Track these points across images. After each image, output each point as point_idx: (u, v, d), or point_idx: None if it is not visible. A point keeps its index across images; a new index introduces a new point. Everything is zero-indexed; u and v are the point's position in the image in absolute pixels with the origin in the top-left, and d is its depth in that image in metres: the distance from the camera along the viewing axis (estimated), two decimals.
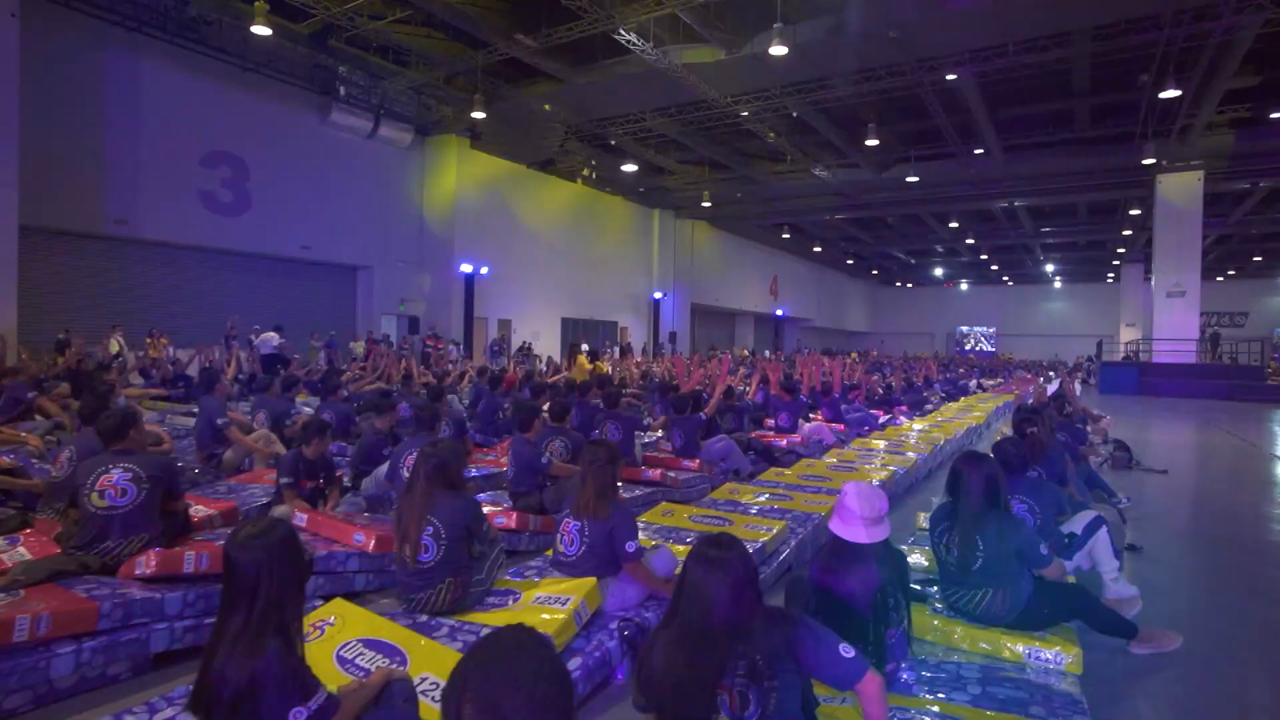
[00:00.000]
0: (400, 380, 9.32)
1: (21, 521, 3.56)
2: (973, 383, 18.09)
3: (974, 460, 2.78)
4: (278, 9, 13.11)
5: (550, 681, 1.00)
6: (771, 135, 19.55)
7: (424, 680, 2.05)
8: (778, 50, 12.42)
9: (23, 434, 5.41)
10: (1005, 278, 46.41)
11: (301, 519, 3.56)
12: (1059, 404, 6.73)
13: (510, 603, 2.76)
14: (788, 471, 5.82)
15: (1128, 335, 30.03)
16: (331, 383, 7.14)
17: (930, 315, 49.92)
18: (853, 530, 2.24)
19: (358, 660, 2.23)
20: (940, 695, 2.27)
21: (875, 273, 47.99)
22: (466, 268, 20.07)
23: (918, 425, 9.41)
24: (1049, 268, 42.18)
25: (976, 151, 20.52)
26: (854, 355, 28.92)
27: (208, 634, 2.69)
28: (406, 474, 4.27)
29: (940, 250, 38.84)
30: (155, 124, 15.15)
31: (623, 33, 13.41)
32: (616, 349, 23.11)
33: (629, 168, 22.09)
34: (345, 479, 4.68)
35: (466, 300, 20.23)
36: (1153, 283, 21.84)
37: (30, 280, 13.16)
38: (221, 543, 3.05)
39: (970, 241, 33.74)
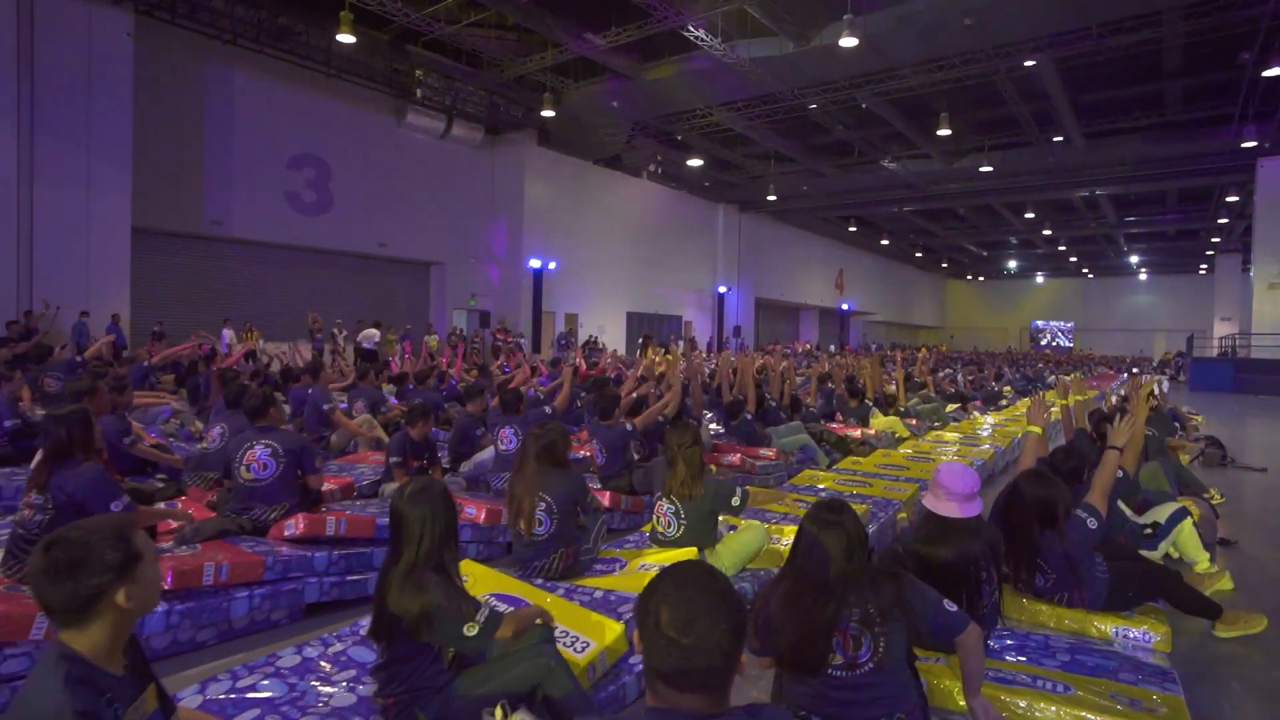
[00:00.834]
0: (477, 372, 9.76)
1: (176, 490, 4.00)
2: (1051, 378, 17.49)
3: (1027, 485, 2.76)
4: (360, 16, 13.74)
5: (730, 599, 1.15)
6: (839, 127, 19.32)
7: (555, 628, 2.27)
8: (848, 42, 12.32)
9: (164, 395, 6.02)
10: (1085, 270, 44.35)
11: None
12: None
13: (617, 569, 2.99)
14: (864, 461, 5.91)
15: (1222, 330, 28.38)
16: (423, 373, 7.57)
17: (1004, 310, 48.17)
18: (947, 506, 2.35)
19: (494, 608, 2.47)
20: (1030, 660, 2.36)
21: (945, 266, 46.63)
22: (535, 263, 20.56)
23: (992, 419, 9.28)
24: (1133, 259, 40.10)
25: (1055, 139, 19.78)
26: (924, 349, 28.29)
27: (350, 589, 3.05)
28: (504, 447, 4.59)
29: (1015, 242, 37.47)
30: (247, 130, 16.11)
31: (691, 29, 13.53)
32: (681, 342, 23.25)
33: (695, 162, 22.18)
34: (444, 460, 5.02)
35: (535, 295, 20.74)
36: (1251, 273, 20.61)
37: (138, 277, 14.18)
38: (351, 512, 3.40)
39: (1047, 233, 32.45)
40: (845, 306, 37.41)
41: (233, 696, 2.05)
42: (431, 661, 1.95)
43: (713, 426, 6.99)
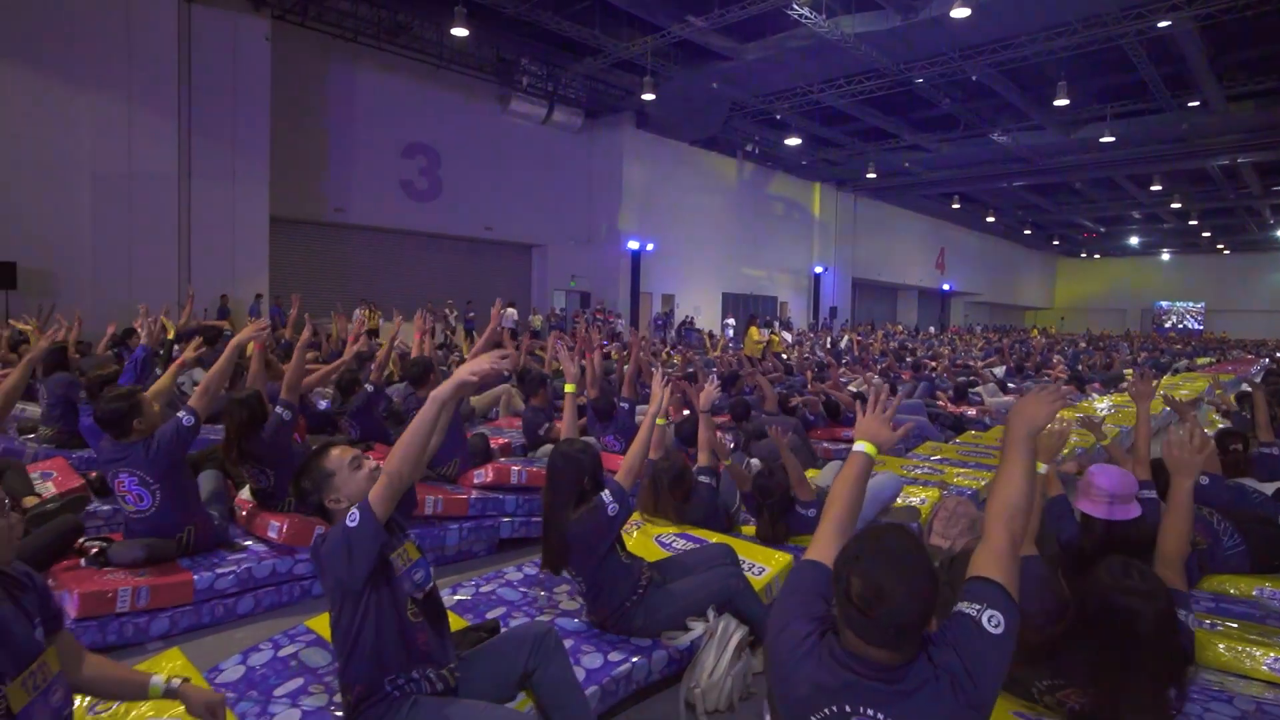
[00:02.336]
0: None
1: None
2: (1181, 362, 16.45)
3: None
4: (470, 9, 14.35)
5: (924, 576, 1.19)
6: (946, 101, 18.63)
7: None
8: (960, 12, 11.94)
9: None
10: (1219, 245, 40.63)
11: None
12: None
13: None
14: (984, 436, 5.98)
15: None
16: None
17: (1122, 289, 44.84)
18: (1103, 507, 2.34)
19: (674, 544, 3.00)
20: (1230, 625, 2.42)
21: (1056, 243, 43.94)
22: (633, 244, 20.97)
23: (1110, 401, 8.99)
24: None
25: (1190, 104, 18.33)
26: (1035, 330, 27.02)
27: (535, 529, 3.51)
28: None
29: (1138, 217, 34.89)
30: (366, 122, 17.19)
31: (795, 6, 13.41)
32: (777, 323, 23.17)
33: (792, 141, 21.93)
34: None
35: (633, 276, 21.17)
36: None
37: (274, 263, 15.45)
38: (520, 465, 3.86)
39: (1176, 206, 30.05)
40: (946, 287, 36.06)
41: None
42: (627, 577, 2.33)
43: None
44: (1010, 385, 9.68)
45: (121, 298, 11.88)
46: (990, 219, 35.25)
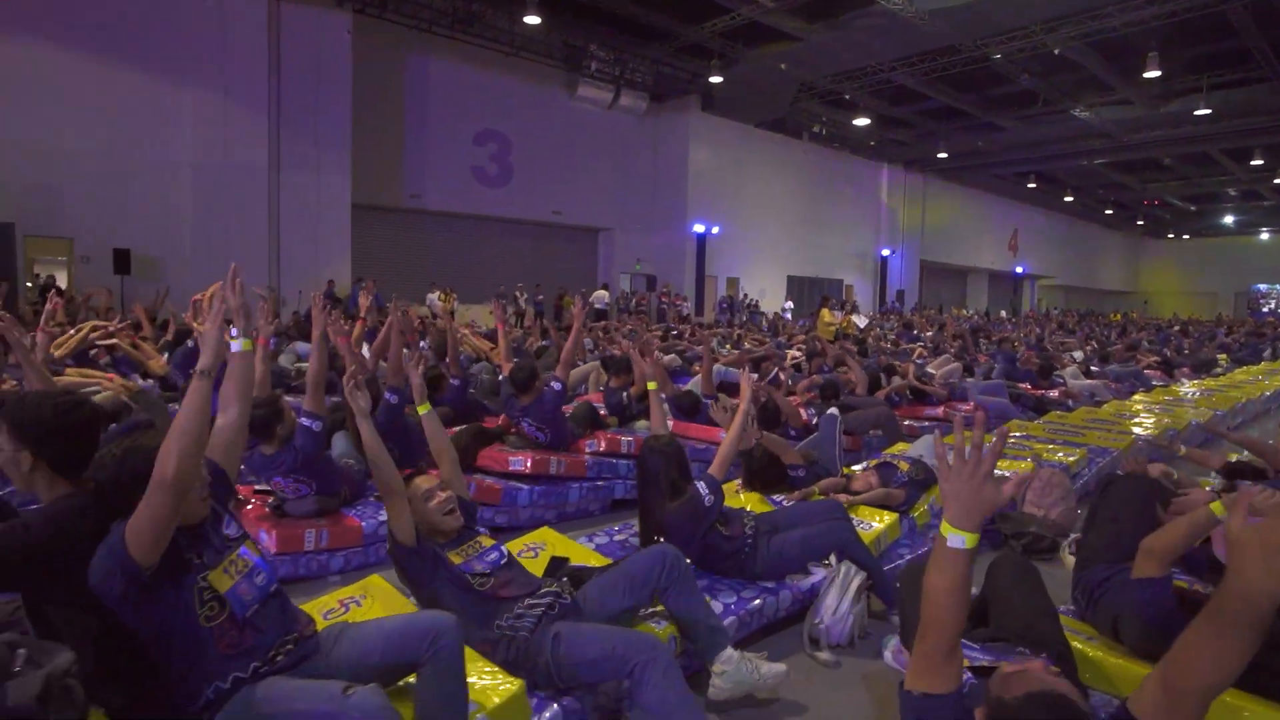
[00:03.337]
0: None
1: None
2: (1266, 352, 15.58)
3: None
4: None
5: None
6: (1024, 76, 17.96)
7: None
8: None
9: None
10: None
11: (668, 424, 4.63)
12: None
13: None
14: (1069, 416, 5.96)
15: None
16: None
17: (1214, 271, 42.12)
18: None
19: (779, 501, 3.28)
20: None
21: (1140, 223, 41.74)
22: (698, 227, 21.03)
23: (1200, 386, 8.72)
24: None
25: None
26: (1117, 315, 25.93)
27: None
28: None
29: (1234, 194, 32.86)
30: (440, 110, 17.70)
31: None
32: (851, 305, 22.86)
33: (861, 121, 21.52)
34: None
35: (698, 259, 21.25)
36: None
37: (355, 249, 16.13)
38: (629, 436, 4.12)
39: (1279, 182, 28.21)
40: (1019, 269, 34.81)
41: None
42: (729, 542, 2.60)
43: None
44: (1094, 369, 9.45)
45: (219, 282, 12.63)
46: (1068, 198, 33.77)
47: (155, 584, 1.52)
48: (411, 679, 1.72)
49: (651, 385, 3.39)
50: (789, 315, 20.83)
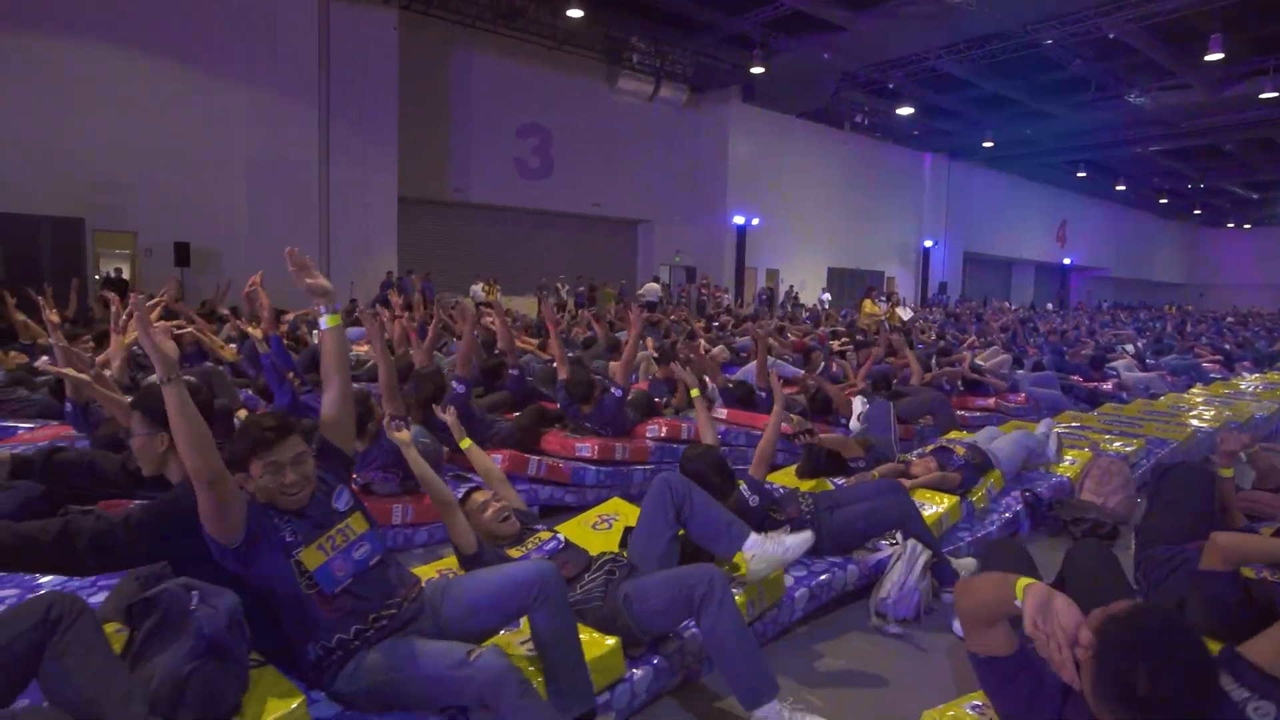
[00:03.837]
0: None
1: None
2: None
3: None
4: None
5: (1212, 676, 1.19)
6: (1076, 62, 17.48)
7: None
8: None
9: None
10: None
11: (722, 412, 4.72)
12: None
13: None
14: (1125, 408, 5.89)
15: None
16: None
17: (1276, 263, 40.38)
18: None
19: (837, 481, 3.33)
20: None
21: (1197, 212, 40.22)
22: (739, 219, 20.95)
23: (1263, 379, 8.47)
24: None
25: None
26: (1171, 307, 25.15)
27: None
28: None
29: None
30: (483, 104, 17.92)
31: None
32: (898, 295, 22.53)
33: (905, 111, 21.20)
34: None
35: (738, 251, 21.18)
36: None
37: (402, 241, 16.46)
38: (688, 422, 4.23)
39: None
40: (1067, 261, 33.90)
41: None
42: (788, 522, 2.69)
43: None
44: (1149, 362, 9.24)
45: (273, 275, 13.01)
46: (1120, 187, 32.77)
47: (251, 553, 1.67)
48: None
49: (694, 393, 3.43)
50: (826, 305, 20.65)
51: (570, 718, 1.77)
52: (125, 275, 13.53)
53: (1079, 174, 30.13)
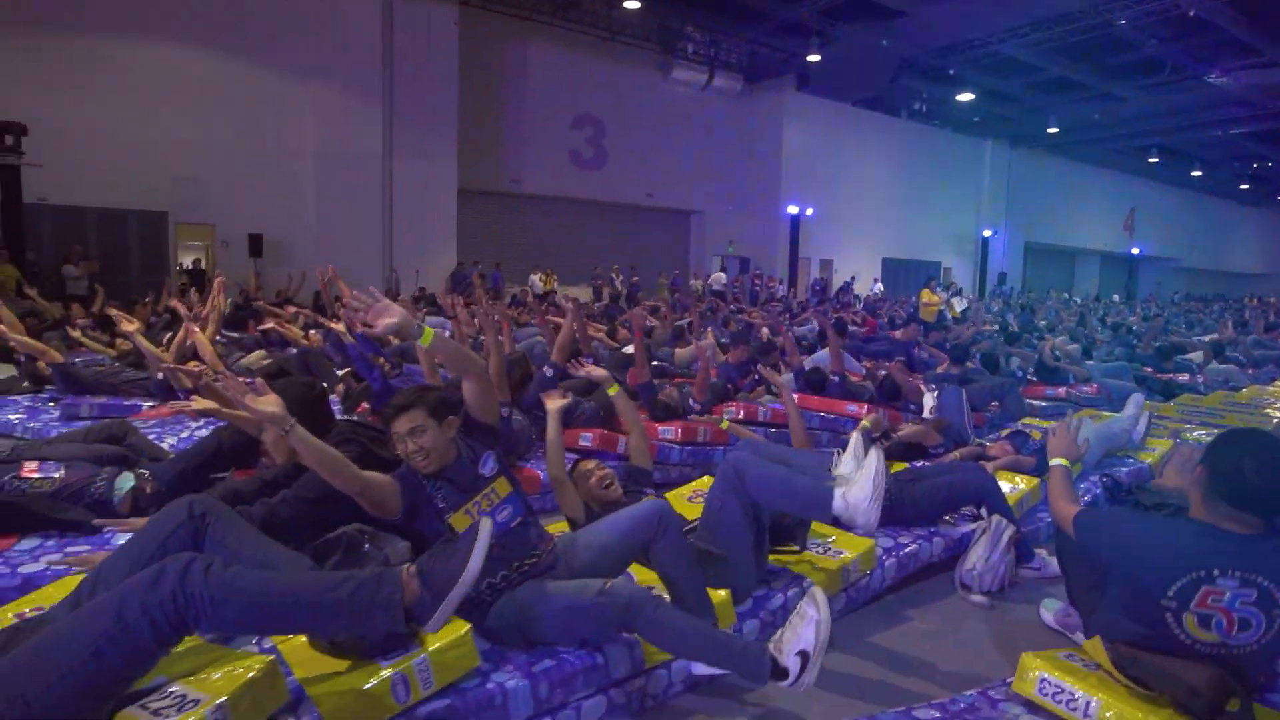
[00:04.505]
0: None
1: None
2: None
3: None
4: None
5: None
6: (1152, 42, 16.77)
7: None
8: None
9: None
10: None
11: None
12: None
13: None
14: (1204, 400, 5.77)
15: None
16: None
17: None
18: None
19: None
20: None
21: None
22: (792, 209, 20.77)
23: None
24: None
25: None
26: (1252, 299, 24.00)
27: None
28: None
29: None
30: (538, 96, 18.15)
31: None
32: (956, 286, 22.06)
33: (965, 97, 20.66)
34: None
35: (791, 241, 21.01)
36: None
37: (461, 232, 16.83)
38: (766, 405, 4.35)
39: None
40: (1136, 250, 32.54)
41: None
42: None
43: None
44: (1229, 354, 8.90)
45: (338, 265, 13.40)
46: (1196, 173, 31.24)
47: (413, 518, 1.94)
48: None
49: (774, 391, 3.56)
50: (878, 295, 20.34)
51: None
52: (203, 266, 14.24)
53: (1150, 160, 28.85)
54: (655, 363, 5.55)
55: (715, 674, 1.90)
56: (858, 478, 2.09)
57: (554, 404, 2.69)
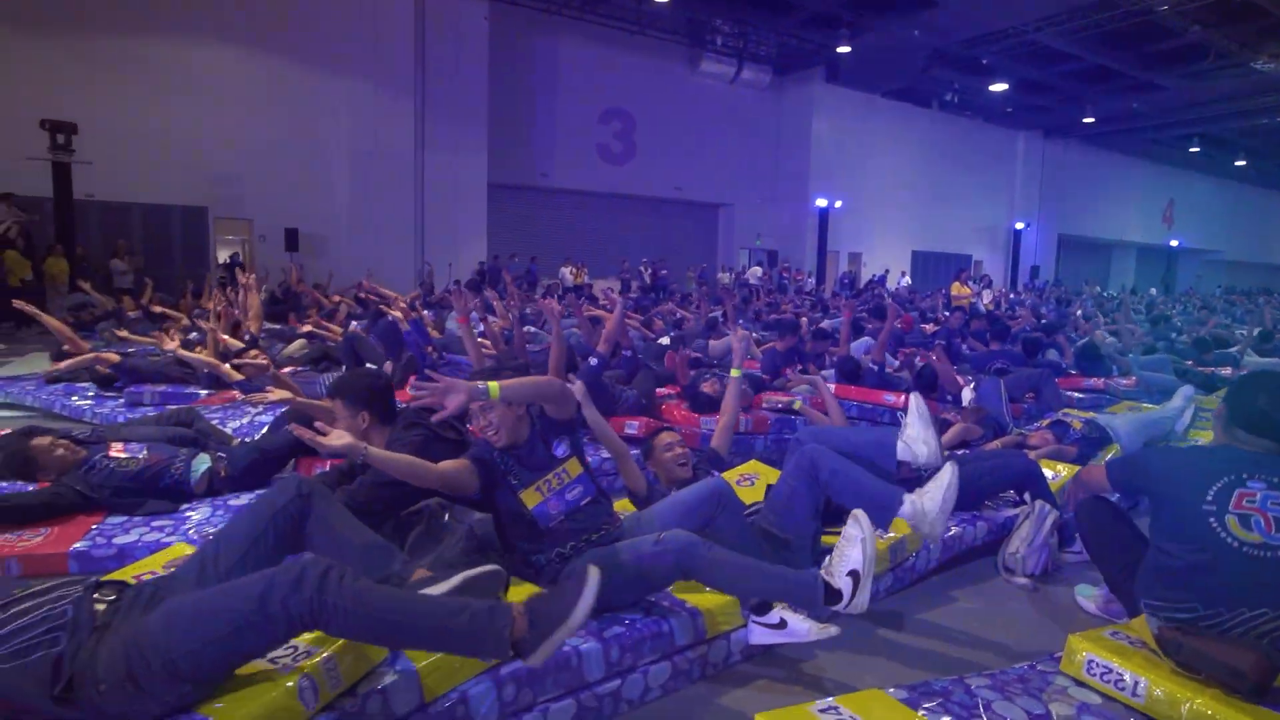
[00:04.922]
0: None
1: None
2: None
3: None
4: None
5: None
6: (1194, 28, 16.35)
7: None
8: None
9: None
10: None
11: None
12: None
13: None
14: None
15: None
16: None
17: None
18: None
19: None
20: None
21: None
22: (821, 202, 20.65)
23: None
24: None
25: None
26: None
27: None
28: None
29: None
30: (567, 90, 18.25)
31: None
32: (987, 278, 21.78)
33: (998, 87, 20.32)
34: None
35: (820, 234, 20.89)
36: None
37: (491, 225, 17.01)
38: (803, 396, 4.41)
39: None
40: (1175, 243, 31.77)
41: None
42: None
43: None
44: (1267, 347, 8.73)
45: (371, 259, 13.69)
46: (1240, 162, 30.36)
47: (490, 494, 2.07)
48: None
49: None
50: (906, 289, 20.16)
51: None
52: (240, 260, 14.59)
53: (1191, 149, 28.12)
54: (692, 354, 5.64)
55: (772, 644, 1.98)
56: (931, 488, 2.17)
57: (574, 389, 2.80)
